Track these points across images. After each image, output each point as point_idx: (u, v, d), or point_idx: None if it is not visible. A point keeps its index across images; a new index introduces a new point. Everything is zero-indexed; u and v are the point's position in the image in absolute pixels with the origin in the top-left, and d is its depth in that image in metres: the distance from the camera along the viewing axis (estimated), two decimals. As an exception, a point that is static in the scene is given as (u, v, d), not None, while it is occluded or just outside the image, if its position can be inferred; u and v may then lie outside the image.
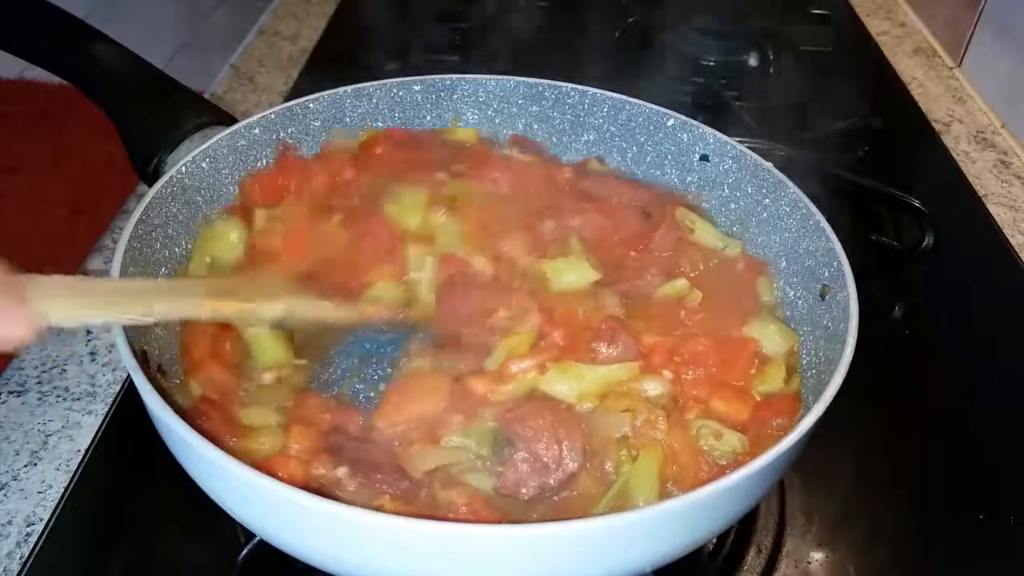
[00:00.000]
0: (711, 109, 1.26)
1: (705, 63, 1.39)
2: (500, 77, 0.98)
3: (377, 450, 0.68)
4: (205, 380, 0.72)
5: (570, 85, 0.96)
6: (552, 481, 0.66)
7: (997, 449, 0.87)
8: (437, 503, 0.65)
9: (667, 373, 0.73)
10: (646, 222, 0.87)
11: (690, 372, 0.74)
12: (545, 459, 0.66)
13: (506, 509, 0.65)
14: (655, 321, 0.77)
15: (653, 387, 0.72)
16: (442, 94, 0.98)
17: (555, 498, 0.67)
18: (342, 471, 0.65)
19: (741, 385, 0.74)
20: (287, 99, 0.97)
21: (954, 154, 1.27)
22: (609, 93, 0.95)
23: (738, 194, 0.89)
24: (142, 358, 0.67)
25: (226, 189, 0.86)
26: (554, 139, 0.99)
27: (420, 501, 0.65)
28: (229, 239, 0.83)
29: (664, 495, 0.66)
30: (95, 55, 0.83)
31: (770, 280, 0.83)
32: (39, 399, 0.87)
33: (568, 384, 0.71)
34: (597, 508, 0.66)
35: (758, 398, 0.73)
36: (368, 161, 0.92)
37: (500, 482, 0.66)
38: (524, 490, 0.66)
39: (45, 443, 0.83)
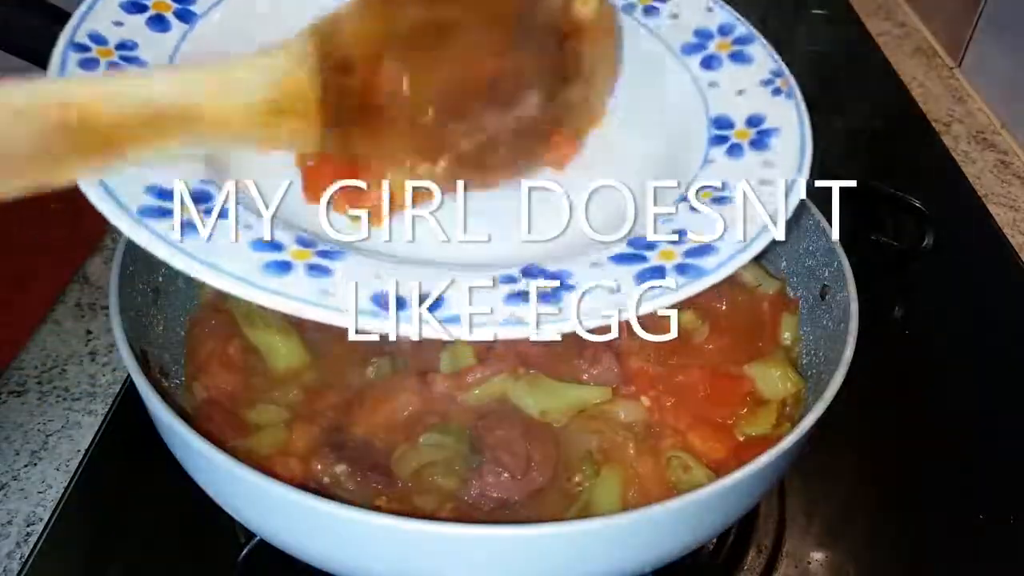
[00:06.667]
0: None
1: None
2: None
3: (375, 451, 0.67)
4: (210, 383, 0.72)
5: (570, 85, 0.96)
6: (516, 495, 0.64)
7: (997, 449, 0.87)
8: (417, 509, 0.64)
9: (645, 400, 0.71)
10: None
11: (671, 402, 0.71)
12: (511, 471, 0.64)
13: (473, 517, 0.63)
14: (651, 346, 0.73)
15: (627, 412, 0.70)
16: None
17: (519, 511, 0.64)
18: (341, 469, 0.65)
19: (725, 423, 0.71)
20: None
21: (954, 154, 1.27)
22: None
23: (738, 194, 0.89)
24: (142, 358, 0.67)
25: (226, 189, 0.86)
26: (554, 139, 0.99)
27: (412, 503, 0.64)
28: None
29: None
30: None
31: (796, 318, 0.79)
32: (39, 399, 0.87)
33: (535, 398, 0.69)
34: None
35: (741, 439, 0.70)
36: None
37: (465, 490, 0.64)
38: (486, 501, 0.64)
39: (45, 443, 0.83)
